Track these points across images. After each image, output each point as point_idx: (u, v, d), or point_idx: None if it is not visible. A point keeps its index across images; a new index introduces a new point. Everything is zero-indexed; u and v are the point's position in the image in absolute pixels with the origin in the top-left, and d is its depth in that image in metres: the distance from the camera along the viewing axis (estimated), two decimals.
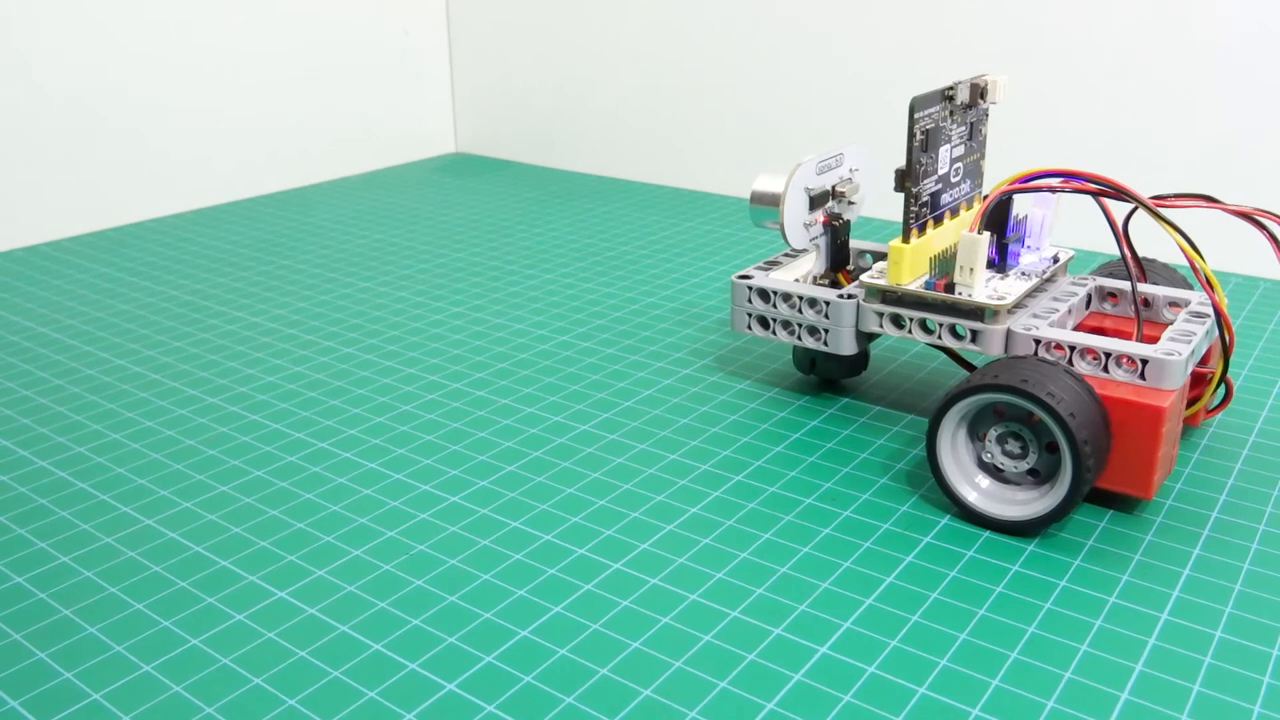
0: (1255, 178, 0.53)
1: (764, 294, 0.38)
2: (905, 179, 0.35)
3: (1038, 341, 0.33)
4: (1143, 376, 0.31)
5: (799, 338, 0.38)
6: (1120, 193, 0.33)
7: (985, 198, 0.35)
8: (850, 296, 0.37)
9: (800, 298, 0.37)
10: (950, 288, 0.34)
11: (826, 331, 0.37)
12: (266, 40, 0.71)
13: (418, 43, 0.81)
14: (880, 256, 0.41)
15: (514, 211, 0.67)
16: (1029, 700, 0.25)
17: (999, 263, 0.36)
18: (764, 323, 0.39)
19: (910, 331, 0.35)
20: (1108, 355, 0.31)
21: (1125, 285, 0.37)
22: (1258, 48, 0.51)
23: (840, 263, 0.40)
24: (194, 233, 0.64)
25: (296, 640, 0.27)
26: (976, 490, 0.32)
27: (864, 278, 0.36)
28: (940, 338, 0.35)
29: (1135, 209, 0.33)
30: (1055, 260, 0.37)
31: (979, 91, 0.37)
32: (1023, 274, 0.36)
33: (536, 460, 0.36)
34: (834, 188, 0.40)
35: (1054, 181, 0.34)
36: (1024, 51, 0.57)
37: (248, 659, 0.27)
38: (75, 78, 0.62)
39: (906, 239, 0.35)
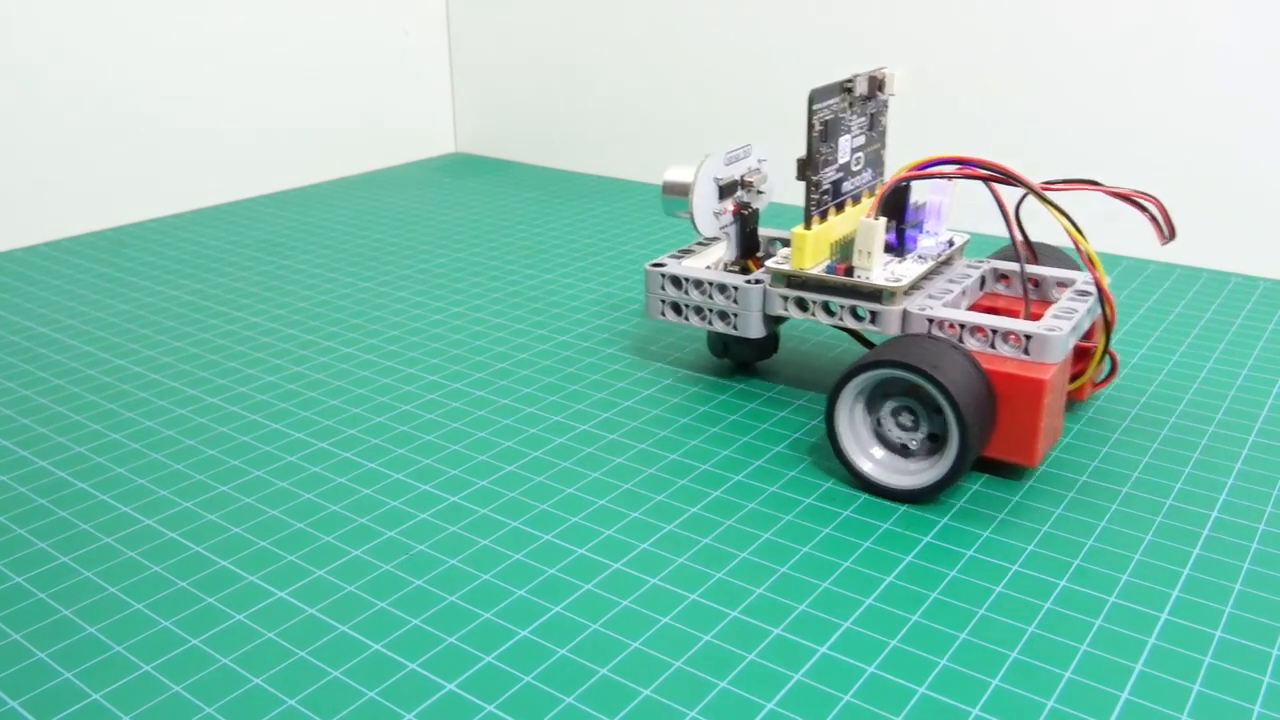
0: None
1: (676, 281, 0.40)
2: (806, 168, 0.36)
3: (931, 321, 0.34)
4: (1027, 351, 0.33)
5: (710, 322, 0.39)
6: (1009, 178, 0.34)
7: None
8: (757, 281, 0.38)
9: (710, 283, 0.39)
10: (850, 271, 0.36)
11: (736, 316, 0.38)
12: (267, 40, 0.71)
13: (418, 43, 0.81)
14: (788, 243, 0.42)
15: (514, 211, 0.67)
16: (1029, 700, 0.25)
17: (897, 247, 0.38)
18: (677, 308, 0.40)
19: (814, 314, 0.37)
20: (995, 332, 0.33)
21: (1016, 267, 0.38)
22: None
23: (750, 250, 0.42)
24: (194, 233, 0.64)
25: (296, 640, 0.27)
26: (872, 461, 0.34)
27: (769, 263, 0.37)
28: (842, 319, 0.36)
29: (1026, 194, 0.35)
30: (951, 244, 0.39)
31: (877, 84, 0.39)
32: (919, 257, 0.38)
33: (536, 460, 0.36)
34: (742, 178, 0.41)
35: (947, 169, 0.35)
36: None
37: (248, 659, 0.27)
38: (75, 77, 0.62)
39: (808, 225, 0.37)
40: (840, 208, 0.38)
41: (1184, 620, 0.28)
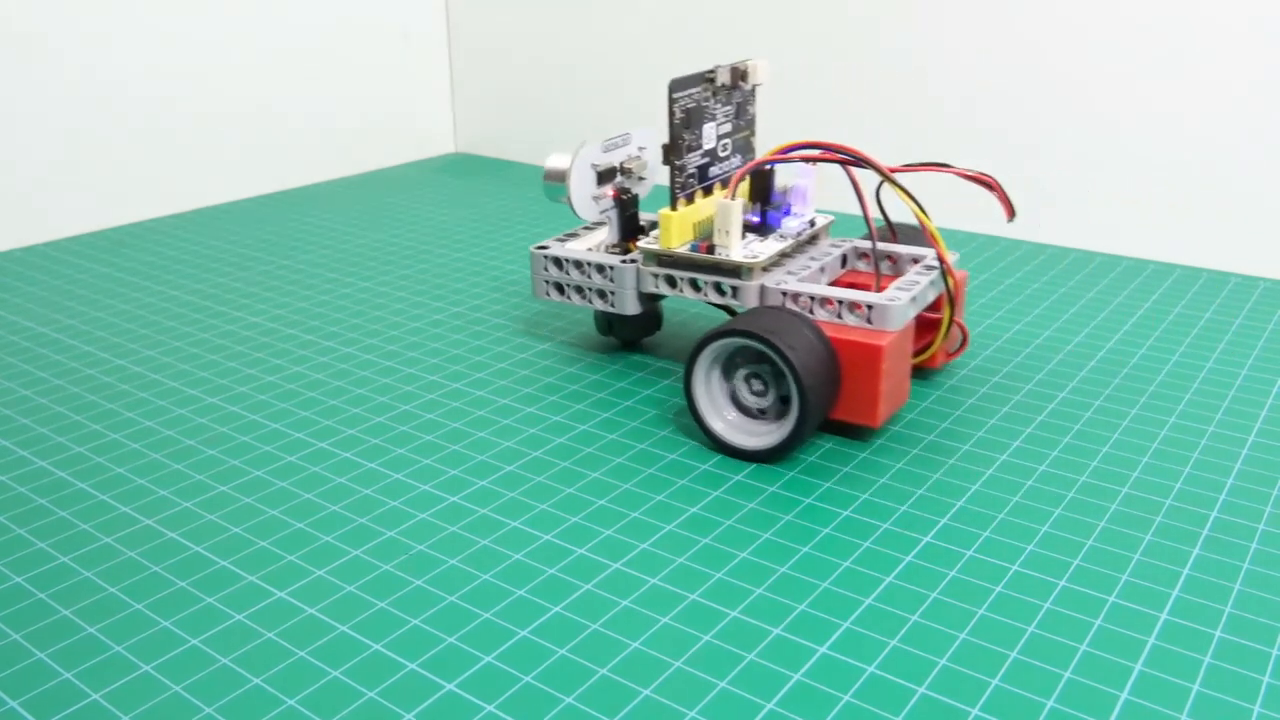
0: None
1: (558, 262, 0.42)
2: (670, 153, 0.39)
3: (785, 294, 0.37)
4: (869, 320, 0.35)
5: (590, 301, 0.42)
6: (862, 162, 0.37)
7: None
8: (632, 261, 0.40)
9: (589, 264, 0.41)
10: (712, 249, 0.38)
11: (613, 294, 0.41)
12: (267, 40, 0.71)
13: (418, 43, 0.81)
14: None
15: (514, 211, 0.67)
16: (1029, 700, 0.25)
17: (762, 226, 0.40)
18: (560, 288, 0.42)
19: (682, 290, 0.39)
20: (841, 303, 0.36)
21: (878, 246, 0.42)
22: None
23: (632, 233, 0.43)
24: (194, 233, 0.64)
25: (296, 640, 0.27)
26: (723, 422, 0.36)
27: (640, 243, 0.40)
28: (707, 294, 0.39)
29: (885, 178, 0.37)
30: (813, 224, 0.41)
31: (739, 74, 0.41)
32: (781, 236, 0.40)
33: (536, 460, 0.36)
34: (621, 165, 0.43)
35: (803, 153, 0.38)
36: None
37: (248, 659, 0.27)
38: (75, 78, 0.62)
39: (674, 207, 0.39)
40: (709, 191, 0.41)
41: (1184, 620, 0.28)
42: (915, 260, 0.40)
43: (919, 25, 0.60)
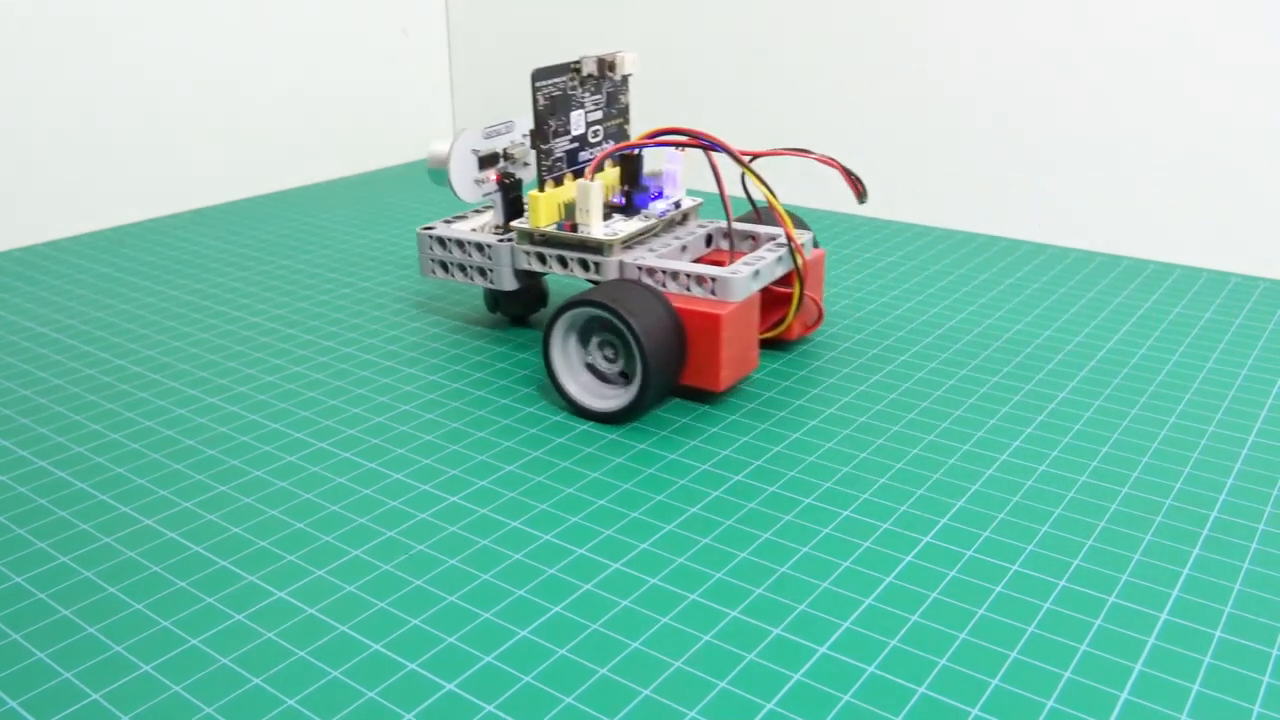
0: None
1: (442, 242, 0.44)
2: (535, 138, 0.42)
3: (640, 269, 0.39)
4: (714, 292, 0.38)
5: (471, 278, 0.44)
6: (717, 146, 0.40)
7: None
8: (508, 240, 0.43)
9: (469, 243, 0.44)
10: (575, 228, 0.41)
11: (491, 271, 0.43)
12: (266, 40, 0.71)
13: (418, 43, 0.81)
14: None
15: None
16: (1029, 700, 0.25)
17: (628, 207, 0.43)
18: (444, 267, 0.45)
19: (552, 266, 0.42)
20: (690, 277, 0.38)
21: (740, 227, 0.44)
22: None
23: (515, 215, 0.45)
24: (194, 233, 0.64)
25: (296, 640, 0.27)
26: (576, 384, 0.39)
27: (514, 223, 0.42)
28: (573, 270, 0.41)
29: (738, 163, 0.39)
30: (678, 206, 0.44)
31: (607, 65, 0.44)
32: (645, 217, 0.42)
33: (536, 460, 0.36)
34: (505, 150, 0.46)
35: (663, 138, 0.41)
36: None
37: (248, 659, 0.27)
38: (74, 77, 0.62)
39: (542, 188, 0.42)
40: (579, 174, 0.43)
41: (1184, 620, 0.28)
42: (772, 239, 0.43)
43: (920, 25, 0.60)
